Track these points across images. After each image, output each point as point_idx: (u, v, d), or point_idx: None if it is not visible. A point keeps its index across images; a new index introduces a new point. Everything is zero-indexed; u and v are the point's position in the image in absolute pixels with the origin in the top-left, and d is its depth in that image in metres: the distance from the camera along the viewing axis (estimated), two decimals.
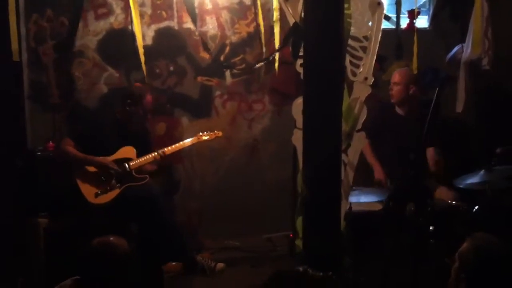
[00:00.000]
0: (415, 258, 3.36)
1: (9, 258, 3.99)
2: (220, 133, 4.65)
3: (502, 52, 4.62)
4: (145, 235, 4.14)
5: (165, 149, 4.36)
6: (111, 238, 2.56)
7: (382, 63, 4.88)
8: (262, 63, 3.92)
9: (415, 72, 4.43)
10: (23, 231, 4.13)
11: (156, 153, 4.31)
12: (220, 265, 4.37)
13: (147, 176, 4.27)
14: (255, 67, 4.03)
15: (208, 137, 4.57)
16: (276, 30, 4.08)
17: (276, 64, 3.93)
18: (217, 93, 5.06)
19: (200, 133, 4.58)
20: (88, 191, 4.10)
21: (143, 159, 4.28)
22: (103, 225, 3.82)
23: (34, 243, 4.09)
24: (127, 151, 4.27)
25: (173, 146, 4.42)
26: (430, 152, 4.26)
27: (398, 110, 4.45)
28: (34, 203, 4.23)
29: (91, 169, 4.16)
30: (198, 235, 4.93)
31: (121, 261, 2.53)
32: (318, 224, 2.71)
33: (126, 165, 4.22)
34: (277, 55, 4.17)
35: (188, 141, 4.52)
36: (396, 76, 4.43)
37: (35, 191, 4.27)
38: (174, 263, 4.32)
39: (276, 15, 4.05)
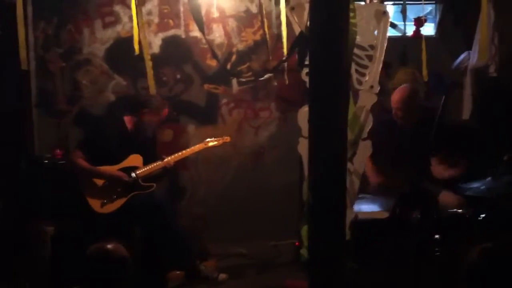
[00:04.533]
0: (421, 265, 3.36)
1: (14, 262, 4.02)
2: (228, 138, 4.63)
3: (510, 57, 4.61)
4: (150, 242, 4.16)
5: (172, 156, 4.38)
6: (108, 245, 2.55)
7: (388, 69, 4.88)
8: (270, 74, 3.92)
9: (425, 79, 4.41)
10: (29, 236, 4.15)
11: (163, 161, 4.32)
12: (223, 275, 4.35)
13: (154, 184, 4.28)
14: (263, 78, 4.03)
15: (215, 142, 4.56)
16: (284, 38, 4.09)
17: (285, 73, 3.96)
18: (224, 100, 5.08)
19: (208, 139, 4.57)
20: (94, 200, 4.13)
21: (150, 167, 4.29)
22: (108, 231, 3.84)
23: (39, 248, 4.12)
24: (134, 159, 4.28)
25: (179, 153, 4.43)
26: (435, 162, 4.19)
27: (396, 118, 4.37)
28: (40, 209, 4.26)
29: (99, 180, 4.19)
30: (204, 242, 4.94)
31: (118, 268, 2.53)
32: (323, 233, 2.70)
33: (133, 173, 4.23)
34: (286, 64, 4.19)
35: (196, 147, 4.52)
36: (394, 101, 4.26)
37: (42, 197, 4.29)
38: (177, 272, 4.32)
39: (284, 23, 4.07)
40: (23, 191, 4.34)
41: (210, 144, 4.55)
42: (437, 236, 3.45)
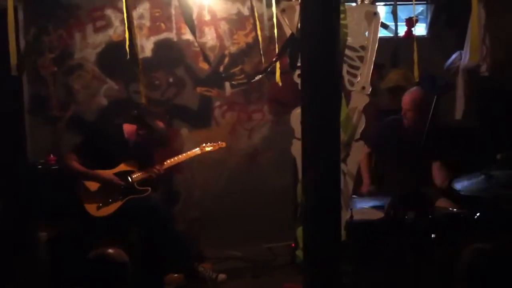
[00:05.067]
0: (417, 265, 3.36)
1: (12, 265, 4.01)
2: (224, 144, 4.66)
3: (501, 56, 4.63)
4: (147, 245, 4.16)
5: (168, 161, 4.38)
6: (109, 250, 2.56)
7: (380, 70, 4.89)
8: (260, 75, 3.92)
9: (417, 79, 4.41)
10: (24, 241, 4.15)
11: (159, 166, 4.32)
12: (222, 276, 4.36)
13: (149, 188, 4.28)
14: (254, 79, 4.03)
15: (211, 148, 4.58)
16: (276, 40, 4.10)
17: (278, 75, 3.95)
18: (217, 103, 5.08)
19: (204, 144, 4.58)
20: (90, 204, 4.12)
21: (145, 172, 4.29)
22: (105, 234, 3.84)
23: (36, 253, 4.11)
24: (130, 163, 4.28)
25: (176, 157, 4.44)
26: (437, 168, 4.16)
27: (405, 120, 4.36)
28: (36, 215, 4.25)
29: (94, 183, 4.17)
30: (199, 245, 4.93)
31: (119, 272, 2.54)
32: (318, 234, 2.70)
33: (129, 178, 4.23)
34: (278, 66, 4.19)
35: (191, 152, 4.52)
36: (406, 101, 4.18)
37: (37, 202, 4.28)
38: (175, 275, 4.32)
39: (275, 26, 4.07)
40: (20, 195, 4.33)
41: (207, 149, 4.57)
42: (433, 236, 3.46)
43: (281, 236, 4.75)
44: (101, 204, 4.14)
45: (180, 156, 4.48)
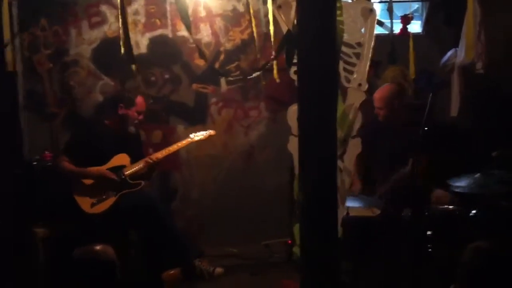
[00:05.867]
0: (414, 263, 3.36)
1: (8, 267, 3.99)
2: (213, 132, 4.63)
3: (497, 55, 4.63)
4: (144, 242, 4.15)
5: (159, 152, 4.37)
6: (96, 247, 2.55)
7: (377, 68, 4.89)
8: (258, 73, 3.92)
9: (412, 76, 4.41)
10: (21, 241, 4.13)
11: (149, 159, 4.30)
12: (219, 269, 4.36)
13: (142, 182, 4.26)
14: (251, 76, 4.03)
15: (201, 136, 4.55)
16: (272, 37, 4.09)
17: (275, 72, 3.95)
18: (213, 100, 5.08)
19: (193, 134, 4.56)
20: (84, 201, 4.11)
21: (137, 165, 4.28)
22: (101, 233, 3.82)
23: (32, 252, 4.09)
24: (120, 158, 4.27)
25: (166, 149, 4.42)
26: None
27: (379, 118, 4.39)
28: (32, 213, 4.23)
29: (87, 180, 4.16)
30: (197, 243, 4.92)
31: (104, 270, 2.52)
32: (315, 231, 2.70)
33: (121, 172, 4.22)
34: (275, 63, 4.19)
35: (181, 143, 4.50)
36: (376, 99, 4.27)
37: (33, 200, 4.26)
38: (172, 271, 4.31)
39: (271, 22, 4.07)
40: (16, 194, 4.31)
41: (196, 138, 4.53)
42: (429, 233, 3.46)
43: (278, 233, 4.75)
44: (95, 201, 4.13)
45: (170, 147, 4.45)
